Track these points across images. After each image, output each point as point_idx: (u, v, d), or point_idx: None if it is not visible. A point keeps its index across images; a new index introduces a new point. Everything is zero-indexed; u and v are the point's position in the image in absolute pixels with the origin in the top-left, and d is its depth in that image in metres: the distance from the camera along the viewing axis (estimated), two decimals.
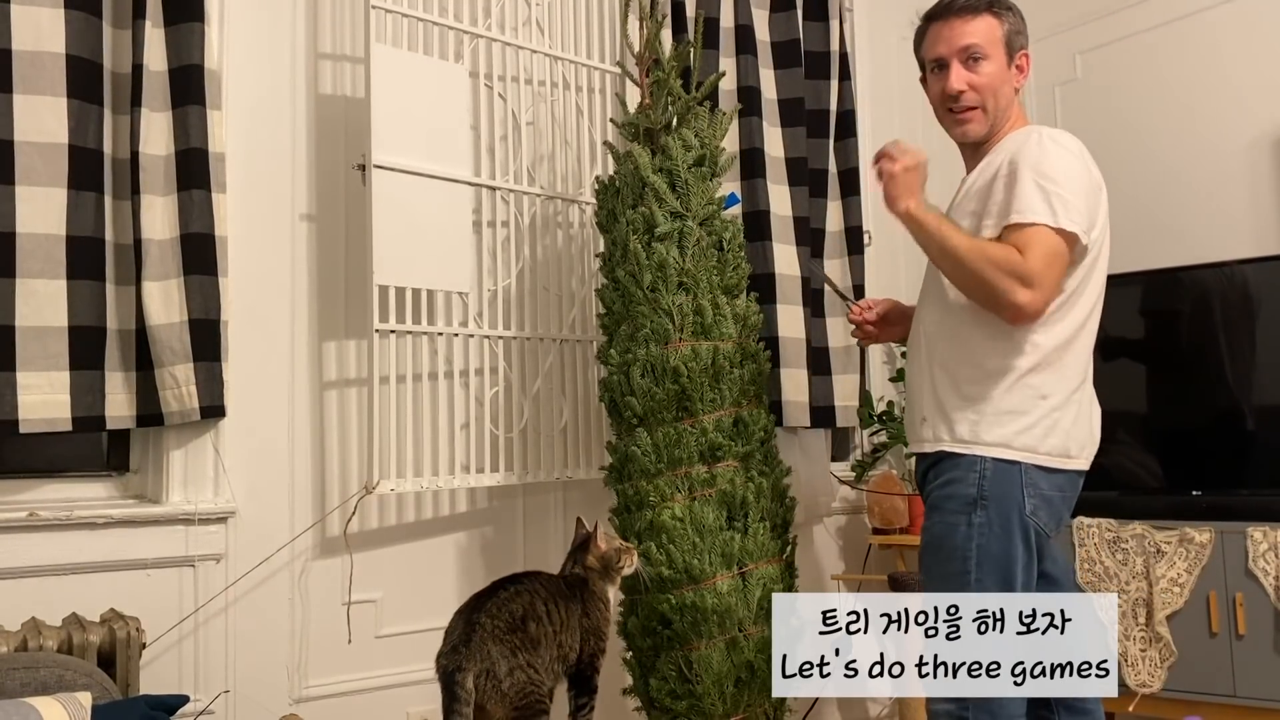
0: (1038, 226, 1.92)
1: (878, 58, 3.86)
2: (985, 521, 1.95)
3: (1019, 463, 1.96)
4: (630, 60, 2.83)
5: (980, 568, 1.95)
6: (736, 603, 2.40)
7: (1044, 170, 1.94)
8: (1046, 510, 1.98)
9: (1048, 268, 1.91)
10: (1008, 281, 1.90)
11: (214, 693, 2.38)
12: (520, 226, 2.88)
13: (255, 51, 2.58)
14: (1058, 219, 1.91)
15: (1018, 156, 1.98)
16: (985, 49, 2.06)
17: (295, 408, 2.58)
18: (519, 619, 2.05)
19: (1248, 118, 3.56)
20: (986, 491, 1.96)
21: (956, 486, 1.99)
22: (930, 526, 2.04)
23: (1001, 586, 1.95)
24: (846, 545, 3.58)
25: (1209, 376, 3.15)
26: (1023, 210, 1.93)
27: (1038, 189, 1.93)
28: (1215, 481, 3.11)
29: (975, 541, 1.96)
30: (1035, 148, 1.97)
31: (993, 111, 2.09)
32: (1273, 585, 2.80)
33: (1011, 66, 2.10)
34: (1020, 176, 1.95)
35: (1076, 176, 1.96)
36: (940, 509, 2.01)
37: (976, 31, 2.06)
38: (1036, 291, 1.91)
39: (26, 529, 2.20)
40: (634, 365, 2.50)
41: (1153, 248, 3.64)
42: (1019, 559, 1.96)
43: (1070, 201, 1.92)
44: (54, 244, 2.18)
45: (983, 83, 2.07)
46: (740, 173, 3.25)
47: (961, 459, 1.99)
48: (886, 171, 2.01)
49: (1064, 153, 1.98)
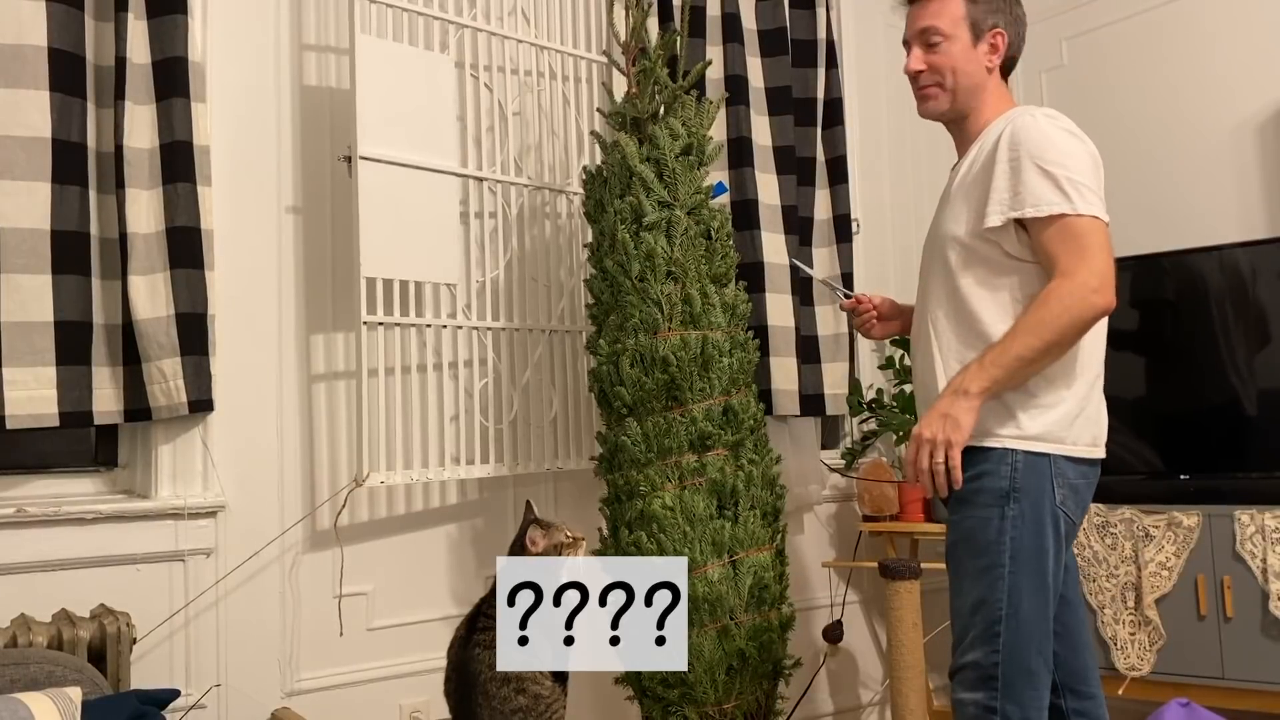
0: (1062, 218, 1.89)
1: (864, 45, 3.86)
2: (1018, 514, 1.93)
3: (1048, 454, 1.95)
4: (616, 49, 2.83)
5: (1014, 560, 1.93)
6: (727, 591, 2.41)
7: (1048, 156, 1.91)
8: (1074, 500, 1.97)
9: (1092, 257, 1.87)
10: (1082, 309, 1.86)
11: (205, 687, 2.38)
12: (508, 217, 2.88)
13: (239, 43, 2.57)
14: (1075, 206, 1.88)
15: (1016, 141, 1.95)
16: (945, 30, 2.08)
17: (284, 401, 2.57)
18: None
19: (1233, 103, 3.57)
20: (1019, 484, 1.94)
21: (987, 480, 1.95)
22: (960, 521, 2.00)
23: (1035, 579, 1.93)
24: (837, 532, 3.59)
25: (1197, 361, 3.17)
26: (1038, 203, 1.90)
27: (1046, 177, 1.90)
28: (1203, 465, 3.12)
29: (1009, 535, 1.93)
30: (1034, 131, 1.94)
31: (953, 88, 2.09)
32: (1260, 568, 2.82)
33: (980, 45, 2.09)
34: (1023, 165, 1.92)
35: (1081, 156, 1.93)
36: (971, 503, 1.97)
37: (935, 13, 2.09)
38: (1095, 280, 1.86)
39: (15, 525, 2.19)
40: (623, 355, 2.50)
41: (1140, 233, 3.66)
42: (1050, 550, 1.94)
43: (1082, 184, 1.90)
44: (38, 239, 2.17)
45: (940, 61, 2.09)
46: (728, 161, 3.25)
47: (991, 452, 1.96)
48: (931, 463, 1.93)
49: (1063, 133, 1.95)
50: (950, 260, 2.04)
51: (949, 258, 2.05)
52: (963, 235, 2.02)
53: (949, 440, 1.89)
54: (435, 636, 2.67)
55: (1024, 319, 1.91)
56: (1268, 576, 2.80)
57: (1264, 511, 2.83)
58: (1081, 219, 1.88)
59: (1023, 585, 1.92)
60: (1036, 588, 1.92)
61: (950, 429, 1.89)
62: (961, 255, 2.02)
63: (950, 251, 2.05)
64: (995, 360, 1.90)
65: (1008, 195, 1.94)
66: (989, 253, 1.99)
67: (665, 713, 2.45)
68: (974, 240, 2.00)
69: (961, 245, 2.02)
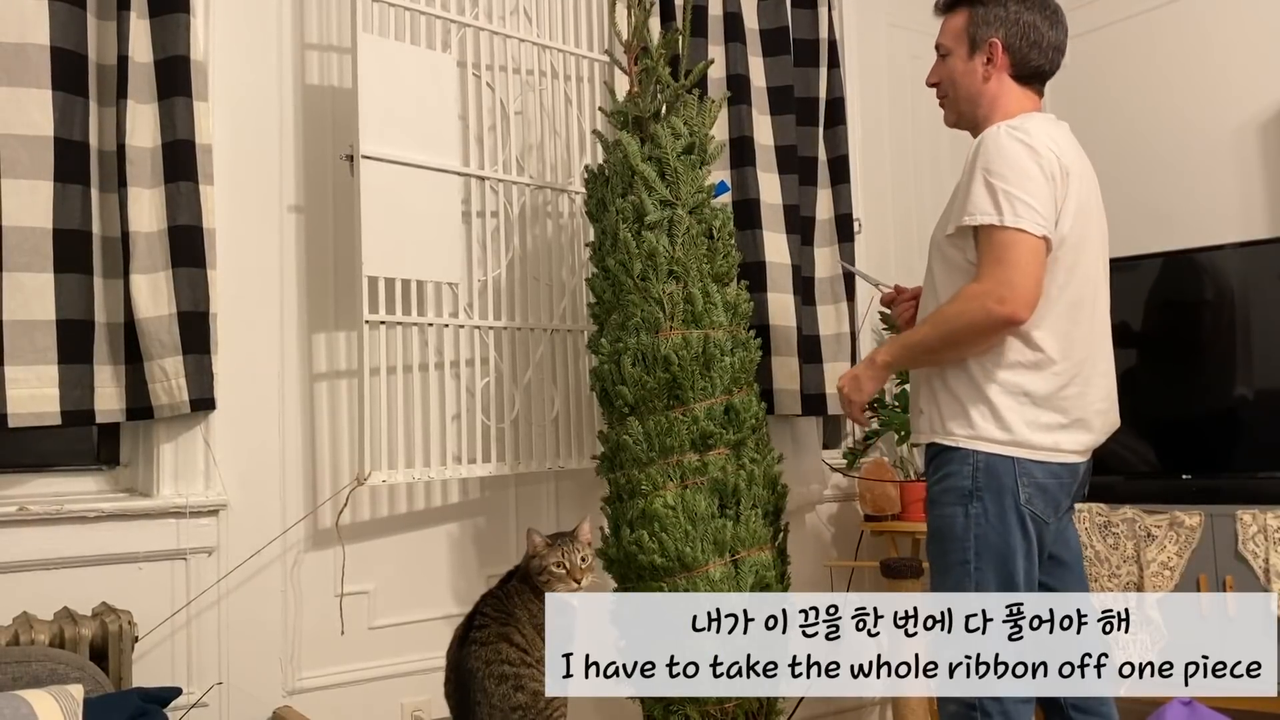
0: (988, 228, 1.94)
1: (866, 45, 3.85)
2: (981, 511, 1.99)
3: (1010, 456, 2.00)
4: (618, 48, 2.82)
5: (980, 557, 1.99)
6: (729, 590, 2.41)
7: (994, 167, 1.96)
8: (1042, 498, 2.01)
9: (1007, 268, 1.92)
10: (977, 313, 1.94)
11: (207, 686, 2.38)
12: (509, 216, 2.88)
13: (241, 42, 2.57)
14: (1004, 218, 1.92)
15: (978, 152, 2.01)
16: (948, 45, 2.20)
17: (285, 400, 2.57)
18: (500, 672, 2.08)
19: (1234, 102, 3.56)
20: (980, 483, 2.00)
21: (952, 479, 2.03)
22: (931, 519, 2.10)
23: (1001, 574, 1.98)
24: (838, 532, 3.59)
25: (1198, 361, 3.16)
26: (972, 211, 1.97)
27: (986, 188, 1.96)
28: (1205, 465, 3.12)
29: (973, 532, 2.00)
30: (990, 143, 1.99)
31: (955, 101, 2.20)
32: (1262, 568, 2.81)
33: (976, 56, 2.14)
34: (975, 175, 1.99)
35: (1025, 168, 1.95)
36: (939, 502, 2.07)
37: (944, 29, 2.22)
38: (1002, 291, 1.91)
39: (17, 524, 2.19)
40: (625, 354, 2.50)
41: (1141, 234, 3.65)
42: (1018, 548, 1.99)
43: (1018, 197, 1.93)
44: (40, 237, 2.17)
45: (943, 75, 2.22)
46: (729, 160, 3.24)
47: (955, 452, 2.03)
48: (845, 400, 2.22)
49: (1017, 145, 1.97)
50: (933, 263, 2.16)
51: (933, 260, 2.17)
52: (942, 240, 2.12)
53: (848, 399, 2.20)
54: (437, 635, 2.67)
55: (934, 312, 2.04)
56: (1269, 576, 2.79)
57: (1266, 511, 2.83)
58: (1006, 231, 1.93)
59: (990, 581, 1.98)
60: (1003, 584, 1.98)
61: (853, 389, 2.19)
62: (941, 258, 2.13)
63: (933, 255, 2.17)
64: (904, 341, 2.12)
65: (961, 203, 2.02)
66: (957, 257, 2.07)
67: (667, 711, 2.44)
68: (947, 245, 2.09)
69: (940, 250, 2.13)
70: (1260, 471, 3.01)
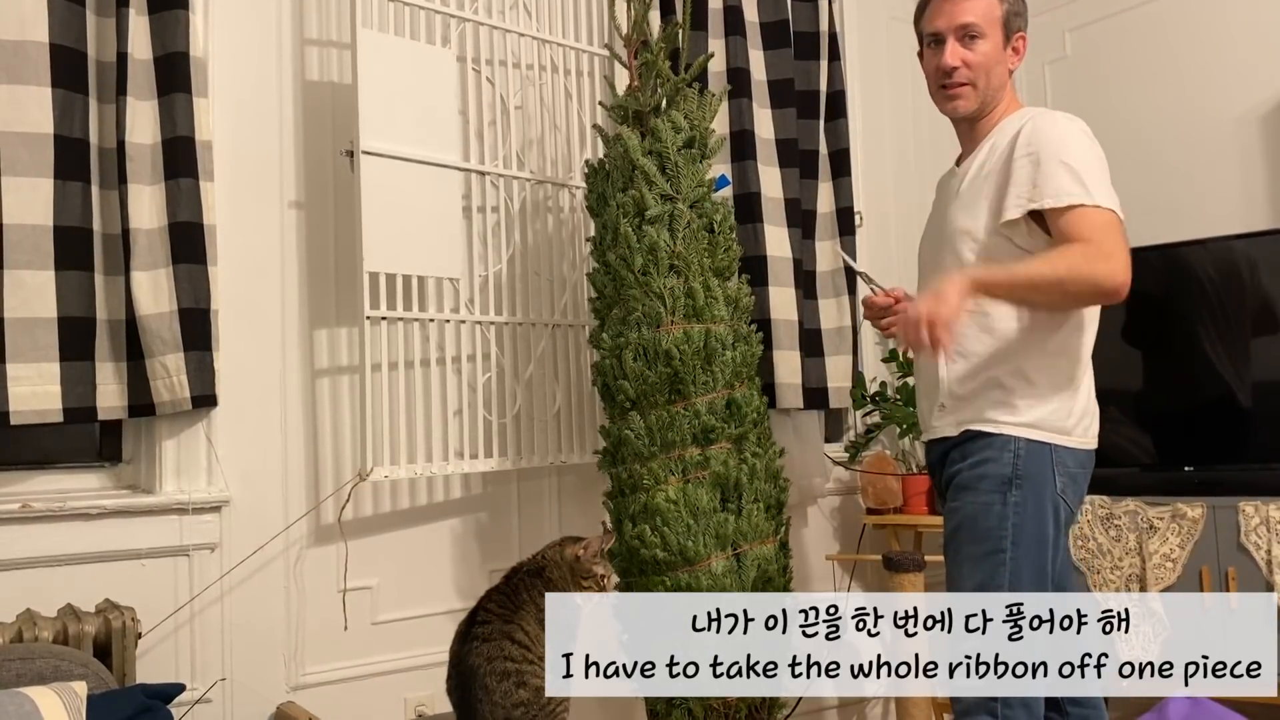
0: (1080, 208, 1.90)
1: (867, 38, 3.85)
2: (1020, 501, 1.95)
3: (1050, 443, 1.97)
4: (618, 42, 2.82)
5: (1016, 547, 1.94)
6: (731, 584, 2.41)
7: (1069, 153, 1.94)
8: (1073, 489, 2.00)
9: (1115, 239, 1.90)
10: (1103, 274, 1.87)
11: (210, 682, 2.38)
12: (510, 211, 2.87)
13: (241, 38, 2.56)
14: (1094, 197, 1.91)
15: (1039, 139, 1.97)
16: (982, 28, 2.06)
17: (287, 396, 2.57)
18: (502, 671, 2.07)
19: (1236, 93, 3.56)
20: (1021, 471, 1.96)
21: (990, 466, 1.97)
22: (961, 507, 2.01)
23: (1036, 566, 1.94)
24: (840, 526, 3.59)
25: (1200, 352, 3.16)
26: (1057, 194, 1.92)
27: (1065, 169, 1.92)
28: (1207, 457, 3.12)
29: (1011, 521, 1.94)
30: (1056, 130, 1.97)
31: (983, 90, 2.09)
32: (1264, 559, 2.81)
33: (1008, 48, 2.11)
34: (1044, 160, 1.94)
35: (1098, 158, 1.97)
36: (972, 489, 1.99)
37: (975, 10, 2.07)
38: (1117, 264, 1.88)
39: (20, 520, 2.19)
40: (626, 349, 2.50)
41: (1144, 224, 3.64)
42: (1050, 539, 1.96)
43: (1101, 182, 1.93)
44: (41, 235, 2.17)
45: (976, 60, 2.07)
46: (730, 154, 3.24)
47: (994, 439, 1.99)
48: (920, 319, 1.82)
49: (1082, 135, 1.98)
50: (962, 254, 2.06)
51: (961, 252, 2.06)
52: (976, 229, 2.04)
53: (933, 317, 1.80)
54: (440, 631, 2.67)
55: (1048, 254, 1.91)
56: (1272, 568, 2.79)
57: (1268, 503, 2.83)
58: (1100, 210, 1.91)
59: (1024, 571, 1.94)
60: (1037, 574, 1.94)
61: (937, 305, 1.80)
62: (974, 250, 2.04)
63: (962, 246, 2.06)
64: (1009, 271, 1.91)
65: (1026, 189, 1.96)
66: (1000, 246, 2.01)
67: (670, 706, 2.45)
68: (987, 235, 2.02)
69: (974, 240, 2.04)
70: (1262, 463, 3.01)
